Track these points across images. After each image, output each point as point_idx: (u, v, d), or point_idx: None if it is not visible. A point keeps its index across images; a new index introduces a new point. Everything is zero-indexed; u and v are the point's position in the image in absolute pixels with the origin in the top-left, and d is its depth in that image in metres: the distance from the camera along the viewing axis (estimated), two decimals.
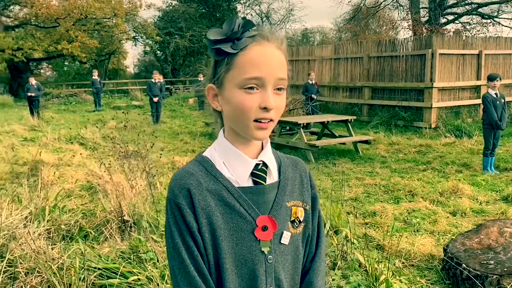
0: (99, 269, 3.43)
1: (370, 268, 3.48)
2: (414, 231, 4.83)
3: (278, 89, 1.09)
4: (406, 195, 6.21)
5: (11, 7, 28.03)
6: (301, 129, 8.66)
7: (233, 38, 1.07)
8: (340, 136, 9.60)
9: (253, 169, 1.14)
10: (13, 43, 23.40)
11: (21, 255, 3.11)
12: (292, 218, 1.19)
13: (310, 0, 47.51)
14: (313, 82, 12.92)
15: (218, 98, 1.14)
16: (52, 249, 3.45)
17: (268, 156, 1.18)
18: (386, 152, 9.21)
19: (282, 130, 10.02)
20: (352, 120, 9.38)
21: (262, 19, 36.57)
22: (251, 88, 1.06)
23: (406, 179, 7.02)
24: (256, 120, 1.07)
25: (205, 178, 1.13)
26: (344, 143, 9.36)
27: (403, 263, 3.97)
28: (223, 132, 1.18)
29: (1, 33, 23.79)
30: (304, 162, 1.31)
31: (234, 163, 1.14)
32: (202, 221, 1.09)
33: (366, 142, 9.22)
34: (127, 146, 5.11)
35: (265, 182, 1.15)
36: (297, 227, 1.20)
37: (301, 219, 1.21)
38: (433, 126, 11.48)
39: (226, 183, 1.12)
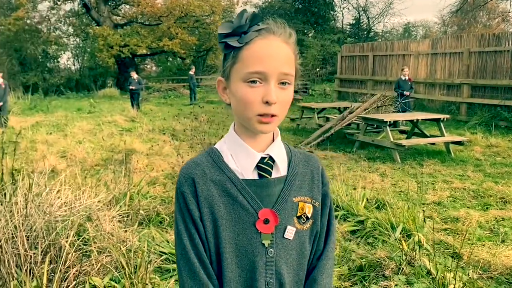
0: (165, 253, 3.61)
1: (438, 276, 3.27)
2: (499, 242, 4.44)
3: (283, 83, 1.08)
4: (497, 202, 5.71)
5: (120, 6, 30.31)
6: (388, 127, 8.33)
7: (240, 32, 1.08)
8: (431, 136, 9.08)
9: (258, 162, 1.14)
10: (120, 40, 25.30)
11: (95, 236, 3.37)
12: (299, 214, 1.18)
13: None
14: (407, 78, 12.34)
15: (227, 91, 1.16)
16: (125, 231, 3.70)
17: (277, 150, 1.18)
18: (482, 155, 8.54)
19: (368, 128, 9.72)
20: (445, 119, 8.81)
21: (359, 13, 35.62)
22: (254, 81, 1.06)
23: (501, 184, 6.46)
24: (259, 115, 1.07)
25: (210, 169, 1.15)
26: (434, 143, 8.84)
27: (480, 274, 3.67)
28: (234, 126, 1.19)
29: (110, 30, 25.83)
30: (318, 159, 1.28)
31: (240, 156, 1.15)
32: (204, 210, 1.12)
33: (459, 143, 8.62)
34: (204, 138, 5.29)
35: (270, 176, 1.15)
36: (303, 223, 1.18)
37: (309, 216, 1.19)
38: None
39: (230, 175, 1.14)
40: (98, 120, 13.37)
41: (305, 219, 1.18)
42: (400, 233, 4.14)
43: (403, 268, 3.47)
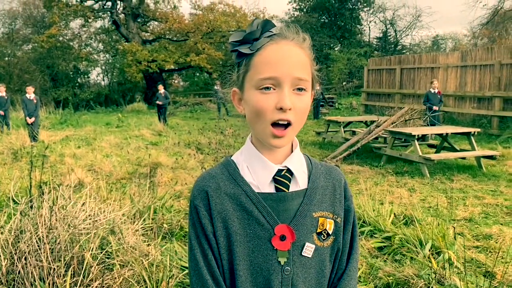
0: (187, 268, 3.57)
1: None
2: None
3: (299, 89, 1.03)
4: None
5: (149, 23, 30.98)
6: (416, 140, 8.15)
7: (252, 39, 1.05)
8: (461, 150, 8.84)
9: (275, 175, 1.09)
10: (149, 56, 25.79)
11: (118, 249, 3.36)
12: (319, 230, 1.12)
13: (439, 5, 44.82)
14: (436, 91, 12.09)
15: (242, 102, 1.12)
16: (148, 245, 3.68)
17: (295, 162, 1.12)
18: None
19: (396, 142, 9.53)
20: (476, 133, 8.57)
21: (386, 26, 35.36)
22: (267, 88, 1.02)
23: None
24: (274, 124, 1.02)
25: (225, 182, 1.11)
26: (464, 158, 8.59)
27: None
28: (251, 137, 1.15)
29: (139, 46, 26.37)
30: (340, 171, 1.22)
31: (256, 168, 1.10)
32: (217, 225, 1.08)
33: (491, 157, 8.35)
34: (228, 151, 5.27)
35: (288, 189, 1.10)
36: (324, 240, 1.12)
37: (330, 232, 1.13)
38: None
39: (246, 188, 1.09)
40: (126, 134, 13.57)
41: (325, 235, 1.12)
42: (429, 250, 4.00)
43: (432, 287, 3.33)
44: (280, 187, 1.09)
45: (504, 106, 12.17)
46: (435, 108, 11.48)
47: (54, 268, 3.04)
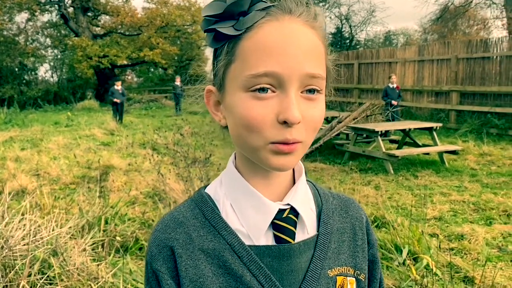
0: None
1: None
2: (510, 261, 4.09)
3: (310, 91, 0.66)
4: (500, 216, 5.39)
5: (100, 17, 29.78)
6: (379, 137, 7.99)
7: (237, 13, 0.66)
8: (424, 145, 8.77)
9: (274, 218, 0.71)
10: (100, 51, 24.74)
11: (62, 272, 2.89)
12: None
13: (392, 1, 45.81)
14: (394, 86, 12.05)
15: (221, 107, 0.73)
16: (98, 265, 3.22)
17: (301, 196, 0.75)
18: (477, 164, 8.25)
19: (358, 138, 9.37)
20: (438, 128, 8.52)
21: (341, 22, 35.62)
22: (263, 90, 0.64)
23: (500, 196, 6.15)
24: (274, 142, 0.65)
25: (199, 230, 0.73)
26: (428, 153, 8.52)
27: None
28: (234, 158, 0.76)
29: (89, 41, 25.27)
30: (359, 205, 0.85)
31: (246, 208, 0.72)
32: None
33: (453, 152, 8.31)
34: (187, 153, 4.85)
35: (294, 240, 0.73)
36: None
37: None
38: None
39: (231, 239, 0.71)
40: (75, 134, 12.78)
41: None
42: (407, 256, 3.75)
43: None
44: (283, 236, 0.72)
45: (461, 100, 12.32)
46: (394, 103, 11.43)
47: None
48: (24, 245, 3.06)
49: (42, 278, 2.77)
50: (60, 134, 12.98)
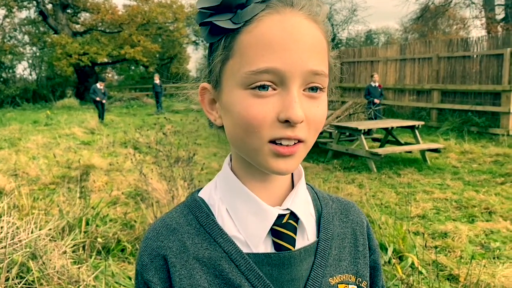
0: None
1: None
2: (493, 258, 4.12)
3: (312, 89, 0.62)
4: (482, 213, 5.45)
5: (79, 14, 29.34)
6: (362, 135, 8.01)
7: (234, 6, 0.62)
8: (406, 144, 8.85)
9: (274, 224, 0.67)
10: (79, 48, 24.40)
11: (41, 276, 2.80)
12: None
13: (374, 0, 46.18)
14: (376, 84, 12.13)
15: (216, 106, 0.69)
16: (79, 268, 3.13)
17: (301, 201, 0.71)
18: (458, 162, 8.34)
19: (341, 136, 9.39)
20: (420, 126, 8.59)
21: None
22: (263, 87, 0.61)
23: (482, 193, 6.22)
24: (273, 142, 0.61)
25: (194, 238, 0.68)
26: (410, 151, 8.59)
27: None
28: (230, 160, 0.72)
29: (69, 39, 24.87)
30: (359, 208, 0.81)
31: (243, 213, 0.68)
32: None
33: (435, 150, 8.39)
34: (170, 152, 4.77)
35: (294, 246, 0.69)
36: None
37: None
38: (511, 133, 10.39)
39: (228, 247, 0.67)
40: (55, 133, 12.55)
41: None
42: (392, 255, 3.75)
43: None
44: (282, 243, 0.68)
45: (442, 98, 12.47)
46: (376, 101, 11.51)
47: None
48: (2, 248, 2.96)
49: (21, 282, 2.68)
50: (39, 133, 12.74)
